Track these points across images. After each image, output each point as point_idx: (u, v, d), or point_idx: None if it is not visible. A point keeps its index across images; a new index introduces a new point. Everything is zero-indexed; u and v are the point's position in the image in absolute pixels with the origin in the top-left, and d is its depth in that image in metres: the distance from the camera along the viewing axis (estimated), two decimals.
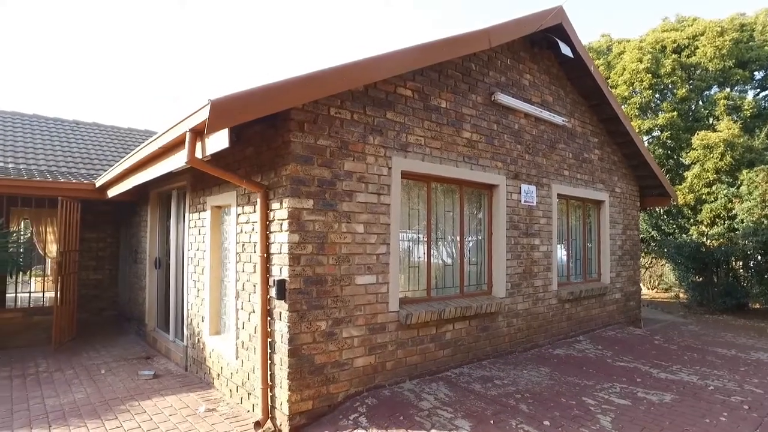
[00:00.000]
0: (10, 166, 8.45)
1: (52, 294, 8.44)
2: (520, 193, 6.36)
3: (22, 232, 8.90)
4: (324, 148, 4.28)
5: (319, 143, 4.25)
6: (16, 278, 8.53)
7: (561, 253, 7.54)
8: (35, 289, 9.58)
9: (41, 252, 9.29)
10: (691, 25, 16.84)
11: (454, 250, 5.84)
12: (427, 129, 5.19)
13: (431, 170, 5.22)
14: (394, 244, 4.80)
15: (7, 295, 8.35)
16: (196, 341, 5.87)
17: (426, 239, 5.44)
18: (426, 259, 5.42)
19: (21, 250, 7.73)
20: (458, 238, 5.84)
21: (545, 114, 6.70)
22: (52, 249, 9.14)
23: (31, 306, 8.35)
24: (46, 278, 9.76)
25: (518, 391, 4.69)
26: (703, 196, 14.73)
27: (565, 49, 6.60)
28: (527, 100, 6.53)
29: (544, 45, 6.76)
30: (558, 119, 6.93)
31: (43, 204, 8.23)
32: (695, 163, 14.93)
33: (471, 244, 6.08)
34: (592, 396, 4.65)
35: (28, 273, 8.74)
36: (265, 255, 4.29)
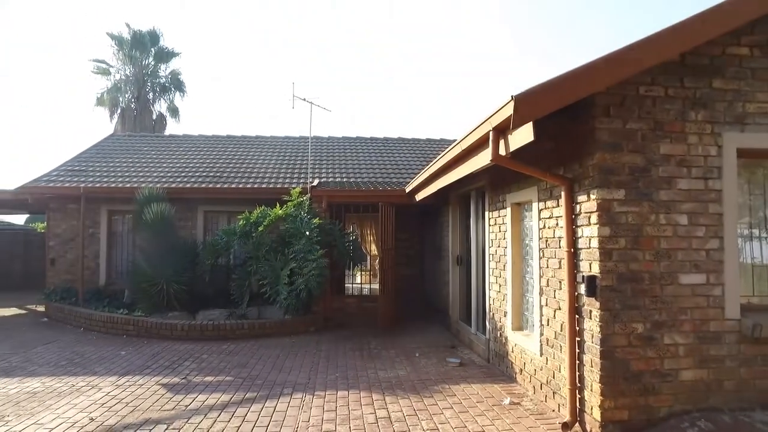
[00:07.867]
0: (344, 180, 10.58)
1: (375, 286, 10.14)
2: None
3: (353, 234, 11.03)
4: (634, 131, 3.87)
5: (628, 127, 3.87)
6: (352, 271, 10.60)
7: None
8: (361, 281, 11.71)
9: (365, 250, 11.31)
10: None
11: None
12: None
13: None
14: (730, 237, 3.96)
15: (345, 284, 10.42)
16: (498, 335, 6.09)
17: None
18: None
19: (352, 247, 9.55)
20: None
21: None
22: (372, 248, 10.99)
23: (362, 294, 10.18)
24: (368, 272, 11.82)
25: None
26: None
27: None
28: None
29: None
30: None
31: (367, 210, 9.97)
32: None
33: None
34: None
35: (356, 267, 10.74)
36: (572, 250, 4.13)
